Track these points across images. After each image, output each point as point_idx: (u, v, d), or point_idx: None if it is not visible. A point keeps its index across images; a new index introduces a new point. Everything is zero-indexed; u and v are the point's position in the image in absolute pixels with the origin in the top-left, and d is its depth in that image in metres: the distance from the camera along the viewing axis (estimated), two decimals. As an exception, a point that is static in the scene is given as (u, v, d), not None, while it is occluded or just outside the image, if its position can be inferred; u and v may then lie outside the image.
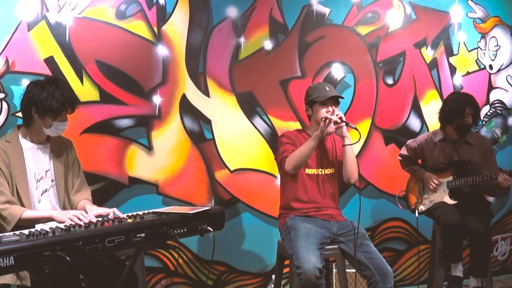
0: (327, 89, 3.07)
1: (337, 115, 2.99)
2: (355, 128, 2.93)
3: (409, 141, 3.81)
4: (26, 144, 2.65)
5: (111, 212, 2.54)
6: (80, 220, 2.38)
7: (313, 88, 3.12)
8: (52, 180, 2.69)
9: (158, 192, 3.62)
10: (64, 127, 2.65)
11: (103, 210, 2.57)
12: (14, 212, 2.46)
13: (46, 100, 2.54)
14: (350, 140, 3.05)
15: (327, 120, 2.93)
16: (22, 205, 2.55)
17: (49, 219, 2.47)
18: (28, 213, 2.48)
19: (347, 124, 3.00)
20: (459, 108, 3.51)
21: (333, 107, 3.04)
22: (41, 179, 2.65)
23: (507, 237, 4.54)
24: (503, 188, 3.51)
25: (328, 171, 3.13)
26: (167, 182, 3.64)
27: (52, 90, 2.56)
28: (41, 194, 2.64)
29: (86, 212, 2.54)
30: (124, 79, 3.51)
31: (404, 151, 3.82)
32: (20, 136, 2.64)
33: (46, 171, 2.68)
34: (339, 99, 3.12)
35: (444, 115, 3.63)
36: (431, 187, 3.63)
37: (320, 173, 3.10)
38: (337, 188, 3.19)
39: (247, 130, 3.83)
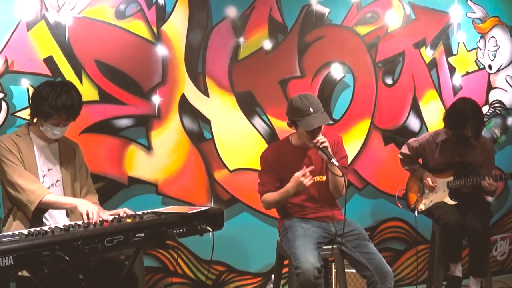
0: (311, 110, 2.79)
1: (321, 143, 2.82)
2: (338, 166, 2.79)
3: (411, 140, 3.81)
4: (34, 141, 2.65)
5: (121, 211, 2.54)
6: (92, 218, 2.36)
7: (295, 107, 2.83)
8: (58, 180, 2.70)
9: (158, 192, 3.62)
10: (57, 132, 2.61)
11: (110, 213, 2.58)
12: (38, 193, 2.47)
13: (40, 100, 2.54)
14: (334, 165, 2.83)
15: (305, 181, 2.81)
16: None
17: (69, 208, 2.50)
18: (50, 197, 2.49)
19: (329, 158, 2.79)
20: (462, 121, 3.46)
21: (318, 137, 2.82)
22: (44, 176, 2.66)
23: (506, 237, 4.54)
24: (488, 192, 3.54)
25: (320, 178, 3.04)
26: (166, 182, 3.64)
27: (51, 92, 2.53)
28: None
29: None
30: (124, 79, 3.51)
31: (405, 149, 3.81)
32: (29, 132, 2.65)
33: (49, 170, 2.68)
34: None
35: (446, 120, 3.62)
36: (427, 186, 3.65)
37: (313, 181, 3.02)
38: None
39: (247, 130, 3.83)
